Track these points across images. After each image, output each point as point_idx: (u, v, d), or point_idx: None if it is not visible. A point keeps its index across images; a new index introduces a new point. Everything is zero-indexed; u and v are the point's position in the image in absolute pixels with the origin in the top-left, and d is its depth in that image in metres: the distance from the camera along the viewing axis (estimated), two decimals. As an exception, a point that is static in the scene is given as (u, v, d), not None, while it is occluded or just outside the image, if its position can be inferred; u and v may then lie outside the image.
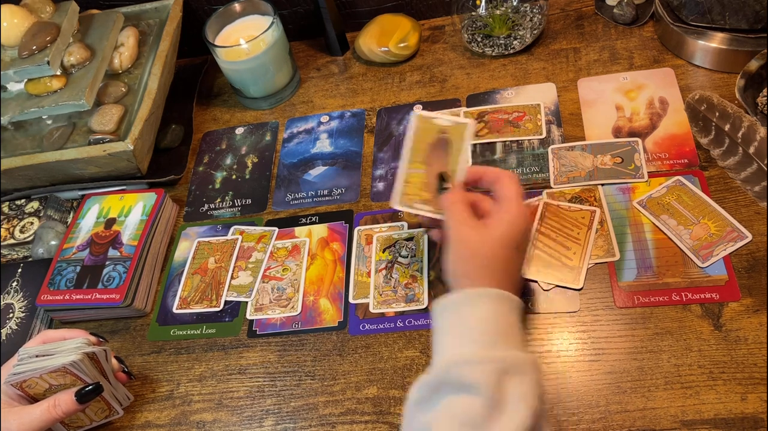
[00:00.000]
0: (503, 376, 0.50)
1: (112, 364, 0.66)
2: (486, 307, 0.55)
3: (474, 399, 0.49)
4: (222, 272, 0.78)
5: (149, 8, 0.98)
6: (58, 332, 0.67)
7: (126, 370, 0.68)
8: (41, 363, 0.61)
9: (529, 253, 0.70)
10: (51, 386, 0.62)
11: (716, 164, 0.70)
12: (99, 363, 0.64)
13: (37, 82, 0.87)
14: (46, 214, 0.86)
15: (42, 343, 0.65)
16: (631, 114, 0.79)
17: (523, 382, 0.50)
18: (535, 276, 0.68)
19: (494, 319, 0.54)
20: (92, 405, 0.64)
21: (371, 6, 0.98)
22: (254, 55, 0.89)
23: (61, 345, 0.64)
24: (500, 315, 0.55)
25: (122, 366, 0.68)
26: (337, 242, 0.78)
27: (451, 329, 0.55)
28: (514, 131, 0.82)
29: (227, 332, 0.73)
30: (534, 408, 0.49)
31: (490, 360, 0.51)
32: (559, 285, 0.67)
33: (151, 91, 0.87)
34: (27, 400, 0.62)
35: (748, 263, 0.64)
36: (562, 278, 0.68)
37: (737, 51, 0.78)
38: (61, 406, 0.61)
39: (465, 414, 0.48)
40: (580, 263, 0.68)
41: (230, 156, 0.91)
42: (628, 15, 0.88)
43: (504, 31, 0.90)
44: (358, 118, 0.91)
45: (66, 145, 0.86)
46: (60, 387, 0.62)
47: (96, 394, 0.62)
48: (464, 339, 0.54)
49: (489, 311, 0.54)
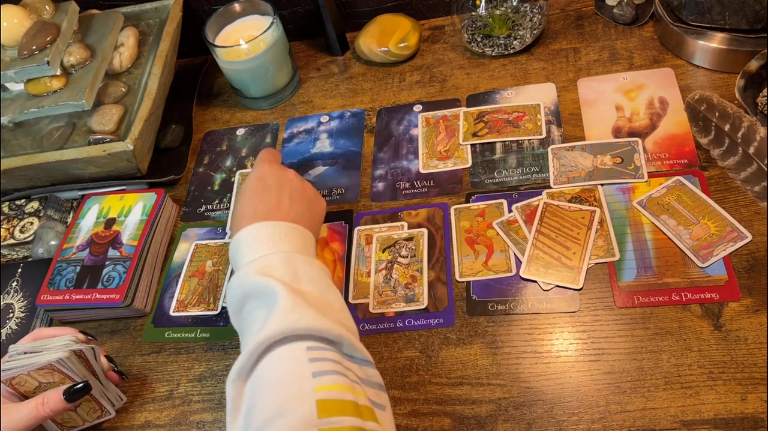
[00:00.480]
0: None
1: (101, 363, 0.66)
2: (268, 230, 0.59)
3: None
4: (220, 275, 0.77)
5: (149, 8, 0.98)
6: (49, 330, 0.66)
7: (116, 369, 0.68)
8: (29, 359, 0.61)
9: (528, 253, 0.70)
10: (40, 383, 0.62)
11: (716, 164, 0.70)
12: (87, 360, 0.64)
13: (37, 82, 0.87)
14: (46, 214, 0.86)
15: (33, 340, 0.65)
16: (631, 114, 0.79)
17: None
18: (535, 276, 0.68)
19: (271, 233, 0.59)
20: (83, 404, 0.64)
21: (371, 6, 0.98)
22: (254, 55, 0.89)
23: (49, 342, 0.63)
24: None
25: (112, 365, 0.68)
26: (336, 242, 0.78)
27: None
28: (514, 131, 0.82)
29: (221, 336, 0.73)
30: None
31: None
32: (559, 285, 0.67)
33: (151, 91, 0.87)
34: (19, 398, 0.62)
35: (748, 264, 0.64)
36: (562, 278, 0.68)
37: (737, 51, 0.78)
38: (49, 404, 0.60)
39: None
40: (580, 263, 0.68)
41: (230, 158, 0.91)
42: (628, 15, 0.88)
43: (504, 31, 0.90)
44: (358, 118, 0.91)
45: (66, 145, 0.86)
46: (49, 385, 0.62)
47: (84, 393, 0.62)
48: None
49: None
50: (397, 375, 0.66)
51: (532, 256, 0.70)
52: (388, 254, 0.74)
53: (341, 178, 0.84)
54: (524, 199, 0.75)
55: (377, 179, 0.83)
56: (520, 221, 0.73)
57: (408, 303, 0.70)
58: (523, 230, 0.72)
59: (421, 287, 0.71)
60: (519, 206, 0.74)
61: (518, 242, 0.71)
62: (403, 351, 0.67)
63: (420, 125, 0.87)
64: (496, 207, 0.75)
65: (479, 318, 0.67)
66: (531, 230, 0.72)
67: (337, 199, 0.82)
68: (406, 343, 0.68)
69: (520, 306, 0.67)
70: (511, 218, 0.74)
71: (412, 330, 0.69)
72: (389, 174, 0.83)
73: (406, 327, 0.69)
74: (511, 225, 0.73)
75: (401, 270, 0.73)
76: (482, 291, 0.69)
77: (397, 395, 0.64)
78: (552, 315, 0.66)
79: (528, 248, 0.70)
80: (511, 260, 0.70)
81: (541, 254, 0.70)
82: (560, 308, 0.66)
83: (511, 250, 0.71)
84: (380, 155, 0.85)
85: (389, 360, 0.67)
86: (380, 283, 0.72)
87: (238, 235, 0.59)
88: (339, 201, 0.82)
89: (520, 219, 0.73)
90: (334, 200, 0.82)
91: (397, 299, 0.71)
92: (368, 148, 0.87)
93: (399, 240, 0.75)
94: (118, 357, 0.74)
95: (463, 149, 0.82)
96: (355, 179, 0.84)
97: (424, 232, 0.75)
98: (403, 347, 0.68)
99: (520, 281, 0.69)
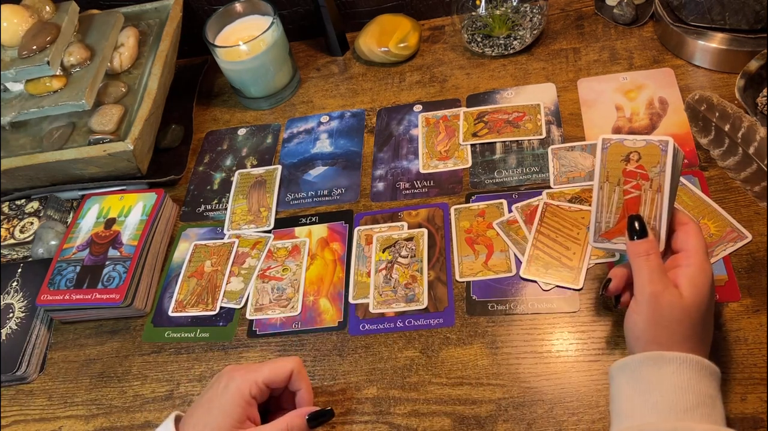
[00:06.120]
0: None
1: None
2: (686, 375, 0.49)
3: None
4: (218, 276, 0.77)
5: (149, 8, 0.98)
6: None
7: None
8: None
9: (528, 253, 0.70)
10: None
11: (716, 164, 0.70)
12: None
13: (37, 82, 0.87)
14: (46, 214, 0.86)
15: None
16: (631, 114, 0.79)
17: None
18: (535, 276, 0.68)
19: (695, 388, 0.49)
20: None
21: (371, 6, 0.98)
22: (254, 56, 0.89)
23: None
24: (701, 385, 0.49)
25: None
26: (337, 242, 0.78)
27: (642, 394, 0.50)
28: (514, 131, 0.82)
29: (221, 336, 0.73)
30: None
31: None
32: (559, 285, 0.67)
33: (151, 91, 0.87)
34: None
35: (748, 264, 0.64)
36: (562, 278, 0.68)
37: (737, 51, 0.78)
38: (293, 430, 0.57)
39: None
40: (579, 263, 0.68)
41: (230, 157, 0.91)
42: (628, 15, 0.88)
43: (504, 32, 0.90)
44: (358, 118, 0.91)
45: (66, 145, 0.86)
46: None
47: (328, 418, 0.59)
48: (661, 407, 0.48)
49: (689, 379, 0.49)
50: (397, 375, 0.66)
51: (532, 256, 0.70)
52: (388, 254, 0.74)
53: (341, 178, 0.84)
54: (524, 199, 0.75)
55: (377, 179, 0.83)
56: (520, 221, 0.73)
57: (408, 303, 0.70)
58: (523, 230, 0.72)
59: (421, 287, 0.71)
60: (519, 206, 0.74)
61: (518, 242, 0.71)
62: (403, 351, 0.67)
63: (420, 125, 0.87)
64: (496, 207, 0.75)
65: (479, 318, 0.67)
66: (531, 230, 0.72)
67: (337, 199, 0.82)
68: (406, 343, 0.68)
69: (520, 306, 0.67)
70: (511, 218, 0.74)
71: (412, 329, 0.69)
72: (389, 174, 0.83)
73: (406, 327, 0.69)
74: (511, 225, 0.73)
75: (401, 270, 0.73)
76: (482, 291, 0.69)
77: (397, 395, 0.64)
78: (552, 315, 0.66)
79: (528, 248, 0.70)
80: (511, 260, 0.70)
81: (541, 254, 0.70)
82: (560, 308, 0.66)
83: (511, 250, 0.71)
84: (380, 155, 0.85)
85: (389, 360, 0.67)
86: (380, 283, 0.72)
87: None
88: (339, 201, 0.82)
89: (520, 219, 0.73)
90: (334, 200, 0.82)
91: (397, 299, 0.71)
92: (368, 148, 0.87)
93: (399, 240, 0.75)
94: (118, 357, 0.74)
95: (463, 149, 0.82)
96: (355, 179, 0.84)
97: (424, 232, 0.75)
98: (403, 347, 0.68)
99: (520, 281, 0.69)
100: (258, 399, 0.58)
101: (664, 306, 0.52)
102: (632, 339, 0.54)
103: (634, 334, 0.54)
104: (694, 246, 0.54)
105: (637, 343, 0.53)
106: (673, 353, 0.51)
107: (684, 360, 0.50)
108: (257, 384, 0.58)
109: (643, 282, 0.53)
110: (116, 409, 0.70)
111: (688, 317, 0.52)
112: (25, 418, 0.72)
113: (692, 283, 0.52)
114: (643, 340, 0.52)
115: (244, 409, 0.57)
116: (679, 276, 0.53)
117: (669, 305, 0.52)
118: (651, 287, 0.52)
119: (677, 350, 0.51)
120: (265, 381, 0.58)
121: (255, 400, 0.58)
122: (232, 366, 0.60)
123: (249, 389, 0.57)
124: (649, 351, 0.52)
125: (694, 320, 0.52)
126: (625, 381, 0.52)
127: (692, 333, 0.52)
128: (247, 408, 0.57)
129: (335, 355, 0.69)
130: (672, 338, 0.51)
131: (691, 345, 0.52)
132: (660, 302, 0.52)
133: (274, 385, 0.59)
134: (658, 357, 0.51)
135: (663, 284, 0.52)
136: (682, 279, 0.53)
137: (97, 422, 0.70)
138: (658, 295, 0.52)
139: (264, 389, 0.58)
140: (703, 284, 0.52)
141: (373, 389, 0.65)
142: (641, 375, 0.51)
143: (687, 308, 0.52)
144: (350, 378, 0.67)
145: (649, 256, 0.53)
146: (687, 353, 0.51)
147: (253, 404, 0.58)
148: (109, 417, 0.70)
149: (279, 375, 0.59)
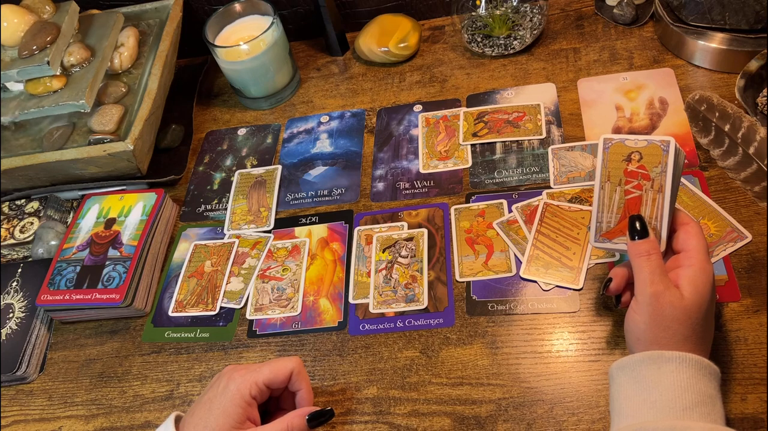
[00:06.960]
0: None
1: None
2: (686, 374, 0.49)
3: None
4: (218, 276, 0.77)
5: (149, 8, 0.98)
6: None
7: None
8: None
9: (528, 253, 0.70)
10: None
11: (716, 164, 0.70)
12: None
13: (37, 82, 0.87)
14: (46, 214, 0.86)
15: None
16: (631, 114, 0.79)
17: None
18: (535, 276, 0.68)
19: (695, 388, 0.49)
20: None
21: (371, 6, 0.98)
22: (254, 56, 0.89)
23: None
24: (700, 384, 0.50)
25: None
26: (337, 242, 0.78)
27: (641, 393, 0.50)
28: (514, 131, 0.82)
29: (221, 336, 0.73)
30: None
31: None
32: (559, 285, 0.67)
33: (151, 91, 0.87)
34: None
35: (748, 264, 0.64)
36: (562, 278, 0.68)
37: (737, 51, 0.78)
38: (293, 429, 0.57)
39: None
40: (579, 263, 0.68)
41: (230, 157, 0.91)
42: (628, 15, 0.88)
43: (504, 32, 0.90)
44: (358, 118, 0.91)
45: (66, 145, 0.86)
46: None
47: (328, 419, 0.59)
48: (660, 406, 0.49)
49: (688, 378, 0.49)
50: (397, 375, 0.66)
51: (532, 256, 0.70)
52: (388, 255, 0.74)
53: (341, 178, 0.84)
54: (524, 199, 0.75)
55: (377, 179, 0.83)
56: (520, 221, 0.73)
57: (408, 303, 0.70)
58: (523, 230, 0.72)
59: (421, 288, 0.71)
60: (519, 206, 0.74)
61: (518, 242, 0.71)
62: (403, 351, 0.67)
63: (420, 125, 0.87)
64: (496, 207, 0.75)
65: (479, 318, 0.67)
66: (531, 230, 0.72)
67: (337, 199, 0.82)
68: (406, 343, 0.68)
69: (520, 306, 0.67)
70: (511, 218, 0.74)
71: (412, 329, 0.69)
72: (389, 174, 0.83)
73: (406, 327, 0.69)
74: (511, 225, 0.73)
75: (401, 270, 0.73)
76: (482, 291, 0.69)
77: (397, 395, 0.64)
78: (552, 315, 0.66)
79: (528, 248, 0.70)
80: (511, 260, 0.70)
81: (541, 255, 0.70)
82: (560, 308, 0.66)
83: (511, 250, 0.71)
84: (380, 155, 0.85)
85: (389, 360, 0.67)
86: (380, 283, 0.72)
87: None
88: (339, 201, 0.82)
89: (520, 219, 0.73)
90: (334, 201, 0.82)
91: (397, 299, 0.71)
92: (368, 148, 0.87)
93: (399, 240, 0.75)
94: (118, 357, 0.74)
95: (463, 149, 0.82)
96: (355, 179, 0.84)
97: (424, 232, 0.75)
98: (403, 347, 0.68)
99: (520, 281, 0.69)
100: (258, 399, 0.58)
101: (665, 306, 0.52)
102: (633, 339, 0.54)
103: (634, 334, 0.54)
104: (695, 246, 0.54)
105: (637, 343, 0.53)
106: (672, 352, 0.51)
107: (684, 359, 0.50)
108: (257, 384, 0.58)
109: (643, 282, 0.53)
110: (116, 409, 0.70)
111: (689, 317, 0.52)
112: (25, 418, 0.72)
113: (693, 283, 0.52)
114: (644, 340, 0.53)
115: (244, 409, 0.57)
116: (680, 277, 0.53)
117: (670, 305, 0.52)
118: (652, 287, 0.52)
119: (677, 350, 0.51)
120: (265, 382, 0.58)
121: (255, 400, 0.58)
122: (232, 367, 0.60)
123: (249, 389, 0.57)
124: (650, 350, 0.52)
125: (694, 320, 0.52)
126: (625, 381, 0.52)
127: (693, 334, 0.52)
128: (247, 409, 0.57)
129: (335, 355, 0.69)
130: (672, 338, 0.51)
131: (692, 345, 0.52)
132: (661, 303, 0.52)
133: (274, 385, 0.59)
134: (657, 356, 0.51)
135: (664, 284, 0.52)
136: (683, 280, 0.53)
137: (97, 422, 0.70)
138: (659, 295, 0.52)
139: (264, 389, 0.58)
140: (704, 285, 0.52)
141: (373, 389, 0.65)
142: (641, 374, 0.51)
143: (688, 309, 0.52)
144: (350, 378, 0.67)
145: (650, 256, 0.53)
146: (687, 352, 0.51)
147: (253, 404, 0.58)
148: (109, 417, 0.70)
149: (279, 375, 0.59)
